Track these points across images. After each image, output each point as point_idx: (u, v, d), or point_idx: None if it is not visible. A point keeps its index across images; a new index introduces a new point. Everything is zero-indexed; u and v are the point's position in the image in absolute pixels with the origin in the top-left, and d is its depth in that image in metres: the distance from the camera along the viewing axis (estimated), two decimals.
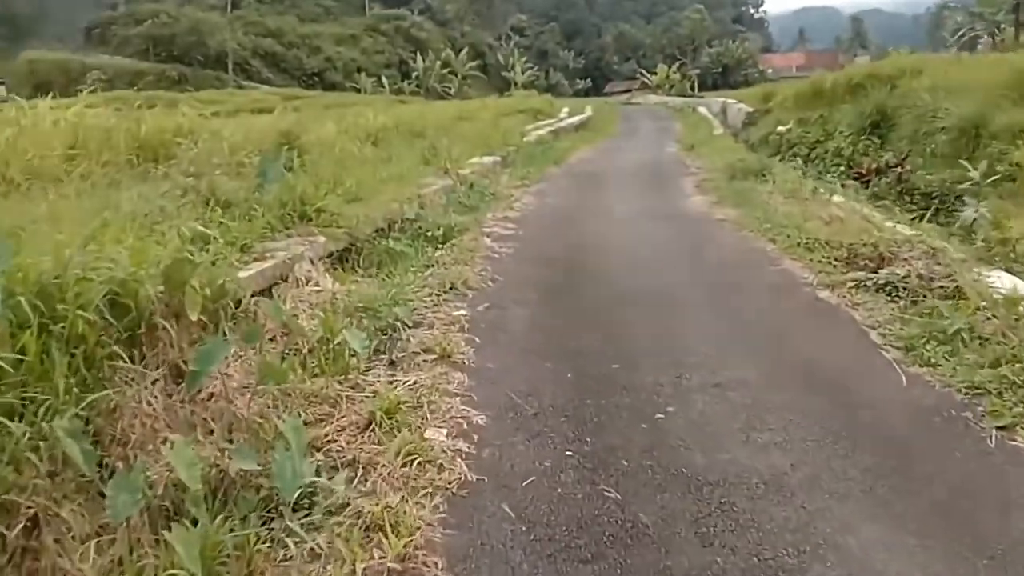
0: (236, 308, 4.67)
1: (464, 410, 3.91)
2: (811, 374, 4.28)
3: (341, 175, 8.82)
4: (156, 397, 3.45)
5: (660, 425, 3.68)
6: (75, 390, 2.93)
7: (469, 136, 17.38)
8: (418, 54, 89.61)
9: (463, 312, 5.51)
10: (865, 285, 5.48)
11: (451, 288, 6.06)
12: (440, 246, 7.61)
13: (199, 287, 3.96)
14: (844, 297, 5.44)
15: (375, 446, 3.52)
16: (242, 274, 5.14)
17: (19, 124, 6.61)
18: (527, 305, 5.71)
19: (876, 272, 5.57)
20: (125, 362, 3.38)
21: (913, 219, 8.00)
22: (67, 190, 5.93)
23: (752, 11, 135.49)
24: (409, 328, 5.12)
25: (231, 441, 3.39)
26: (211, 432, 3.49)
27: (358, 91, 77.24)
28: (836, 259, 6.20)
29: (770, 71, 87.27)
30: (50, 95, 10.89)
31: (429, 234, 7.83)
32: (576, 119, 30.38)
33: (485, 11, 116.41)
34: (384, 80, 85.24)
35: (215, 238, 5.38)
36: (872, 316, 5.02)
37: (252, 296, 5.08)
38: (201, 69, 68.07)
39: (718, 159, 15.11)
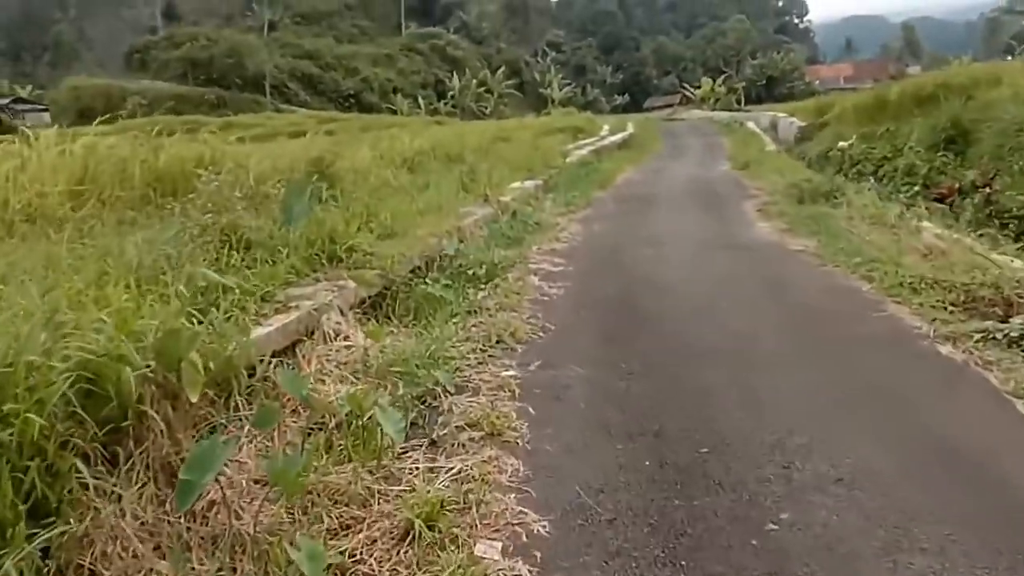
0: (250, 376, 4.08)
1: (521, 513, 3.20)
2: (954, 461, 3.49)
3: (375, 207, 8.24)
4: (143, 510, 2.82)
5: (774, 540, 2.93)
6: (24, 522, 2.29)
7: (509, 158, 16.80)
8: (454, 73, 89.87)
9: (512, 373, 4.81)
10: (994, 338, 4.66)
11: (498, 341, 5.37)
12: (483, 286, 6.95)
13: (201, 360, 3.33)
14: (971, 353, 4.63)
15: (413, 569, 2.83)
16: (260, 331, 4.53)
17: (21, 157, 6.09)
18: (586, 363, 4.99)
19: (1005, 321, 4.75)
20: (102, 467, 2.76)
21: (1020, 248, 7.12)
22: (69, 232, 5.41)
23: (796, 21, 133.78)
24: (451, 394, 4.45)
25: (235, 570, 2.73)
26: (213, 552, 2.84)
27: (394, 112, 77.60)
28: (951, 303, 5.38)
29: (817, 83, 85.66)
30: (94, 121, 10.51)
31: (471, 272, 7.18)
32: (618, 137, 29.67)
33: (521, 28, 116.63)
34: (420, 100, 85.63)
35: (231, 287, 4.80)
36: (1011, 379, 4.21)
37: (272, 358, 4.49)
38: (239, 92, 68.87)
39: (778, 179, 14.28)
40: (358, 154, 12.49)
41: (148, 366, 3.08)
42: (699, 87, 72.45)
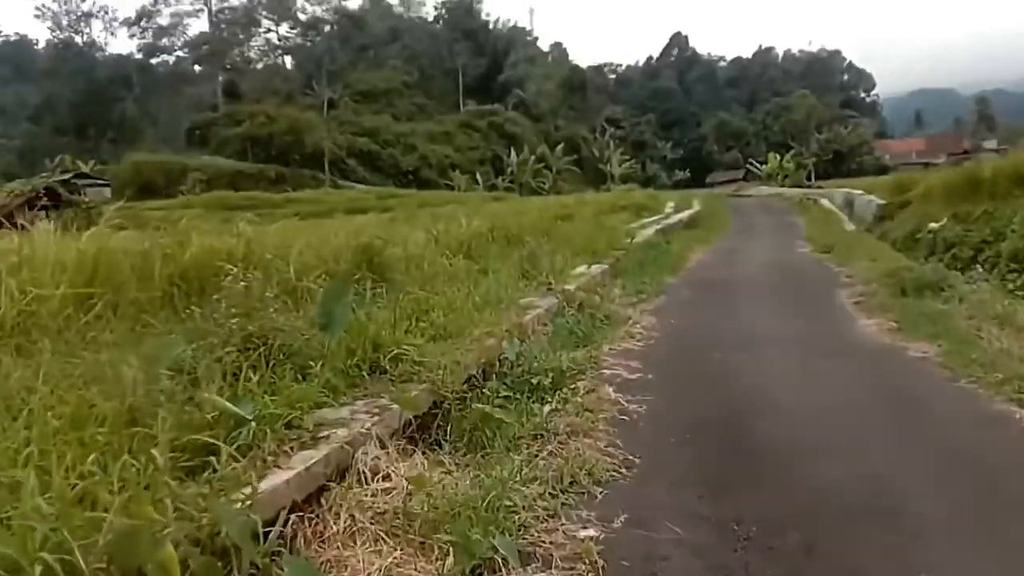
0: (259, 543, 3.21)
1: None
2: None
3: (427, 301, 7.47)
4: None
5: None
6: None
7: (571, 239, 16.07)
8: (511, 149, 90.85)
9: (592, 533, 3.85)
10: None
11: (572, 483, 4.42)
12: (550, 399, 6.04)
13: (184, 544, 2.48)
14: None
15: None
16: (277, 478, 3.69)
17: (19, 255, 5.46)
18: (685, 520, 3.98)
19: None
20: None
21: None
22: (68, 344, 4.72)
23: (863, 95, 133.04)
24: (515, 570, 3.50)
25: None
26: None
27: (452, 188, 78.46)
28: None
29: (887, 157, 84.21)
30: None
31: (535, 382, 6.27)
32: (685, 215, 28.87)
33: (579, 104, 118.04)
34: (478, 176, 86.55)
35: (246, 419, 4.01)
36: None
37: (291, 512, 3.64)
38: (298, 168, 70.52)
39: (869, 264, 13.18)
40: (411, 237, 11.83)
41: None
42: (764, 162, 71.64)
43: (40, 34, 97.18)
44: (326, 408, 4.79)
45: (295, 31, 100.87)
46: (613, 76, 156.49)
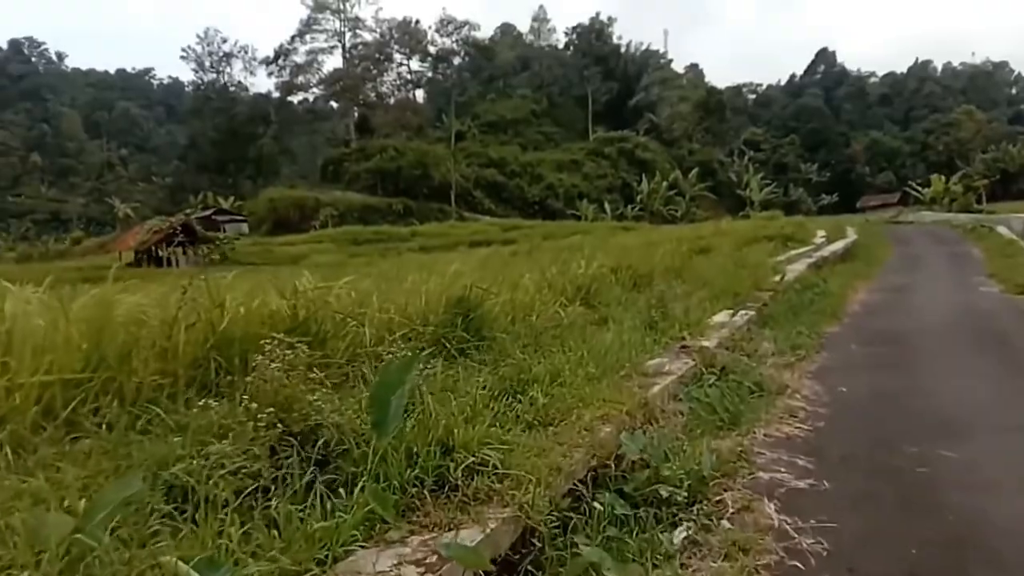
0: None
1: None
2: None
3: (528, 371, 6.09)
4: None
5: None
6: None
7: (708, 277, 14.36)
8: (642, 176, 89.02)
9: None
10: None
11: None
12: (684, 518, 4.49)
13: None
14: None
15: None
16: None
17: (12, 318, 4.42)
18: None
19: None
20: None
21: None
22: (38, 456, 3.62)
23: None
24: None
25: None
26: None
27: (579, 218, 77.29)
28: None
29: None
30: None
31: (664, 493, 4.73)
32: (839, 245, 26.28)
33: (716, 126, 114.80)
34: (606, 205, 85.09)
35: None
36: None
37: None
38: (425, 201, 71.33)
39: None
40: (523, 281, 10.51)
41: None
42: (926, 185, 66.46)
43: (188, 76, 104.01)
44: (364, 550, 3.47)
45: (426, 64, 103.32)
46: (752, 96, 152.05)
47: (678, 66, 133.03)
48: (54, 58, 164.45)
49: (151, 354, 4.64)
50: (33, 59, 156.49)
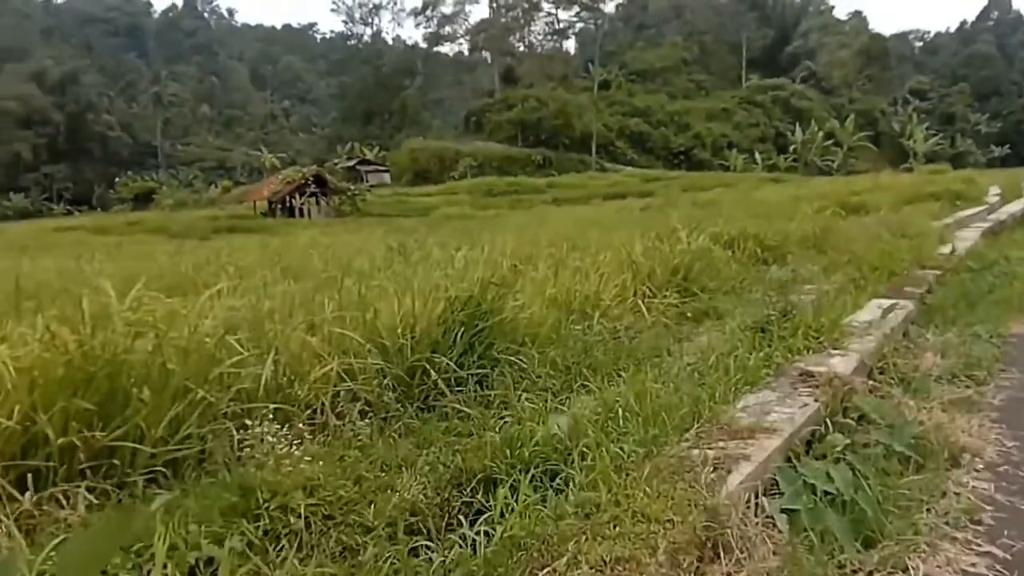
0: None
1: None
2: None
3: (519, 437, 3.63)
4: None
5: None
6: None
7: (857, 247, 11.21)
8: (797, 125, 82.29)
9: None
10: None
11: None
12: None
13: None
14: None
15: None
16: None
17: None
18: None
19: None
20: None
21: None
22: None
23: None
24: None
25: None
26: None
27: (727, 169, 72.13)
28: None
29: None
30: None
31: None
32: (1018, 207, 21.56)
33: (878, 74, 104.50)
34: (757, 156, 79.22)
35: None
36: None
37: None
38: (566, 152, 68.42)
39: None
40: (605, 261, 7.92)
41: None
42: None
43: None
44: None
45: (576, 14, 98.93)
46: (919, 44, 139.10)
47: (840, 13, 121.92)
48: (225, 14, 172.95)
49: None
50: (206, 15, 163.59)
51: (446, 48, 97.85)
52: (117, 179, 78.95)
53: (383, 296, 5.01)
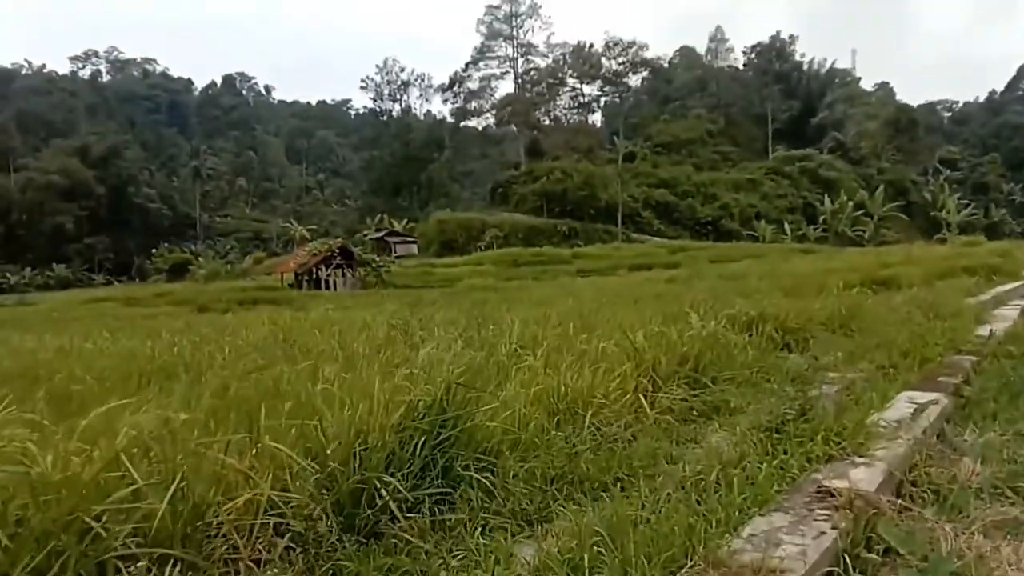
0: None
1: None
2: None
3: None
4: None
5: None
6: None
7: (886, 330, 10.47)
8: (826, 195, 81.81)
9: None
10: None
11: None
12: None
13: None
14: None
15: None
16: None
17: None
18: None
19: None
20: None
21: None
22: None
23: None
24: None
25: None
26: None
27: (756, 239, 71.48)
28: None
29: None
30: None
31: None
32: None
33: (907, 145, 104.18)
34: (786, 226, 78.58)
35: None
36: None
37: None
38: (591, 222, 68.42)
39: None
40: (606, 348, 7.33)
41: None
42: None
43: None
44: None
45: (599, 88, 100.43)
46: (948, 114, 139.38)
47: (866, 84, 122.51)
48: (262, 91, 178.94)
49: None
50: (244, 92, 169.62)
51: (473, 122, 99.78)
52: (154, 250, 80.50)
53: (343, 396, 4.43)
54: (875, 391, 7.38)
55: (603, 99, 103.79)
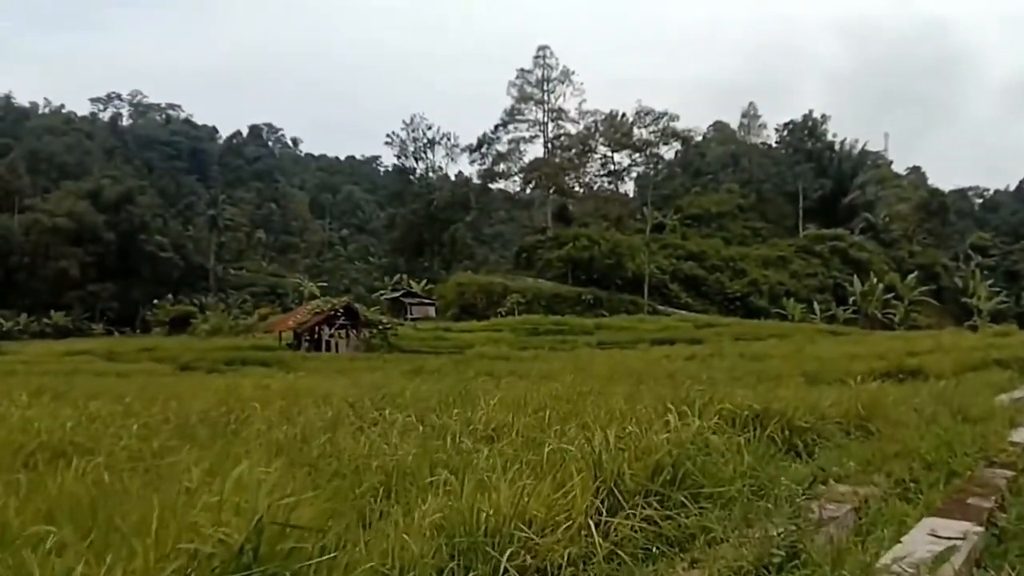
0: None
1: None
2: None
3: None
4: None
5: None
6: None
7: (907, 434, 9.16)
8: (855, 277, 79.80)
9: None
10: None
11: None
12: None
13: None
14: None
15: None
16: None
17: None
18: None
19: None
20: None
21: None
22: None
23: None
24: None
25: None
26: None
27: (785, 318, 69.58)
28: None
29: None
30: None
31: None
32: None
33: (938, 229, 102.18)
34: (815, 305, 76.67)
35: None
36: None
37: None
38: (617, 292, 67.08)
39: None
40: (567, 464, 6.15)
41: None
42: None
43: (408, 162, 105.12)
44: None
45: (629, 156, 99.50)
46: (979, 201, 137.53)
47: (898, 167, 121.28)
48: (289, 143, 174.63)
49: None
50: (270, 143, 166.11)
51: (500, 184, 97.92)
52: (156, 301, 76.52)
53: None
54: (890, 517, 6.08)
55: (635, 169, 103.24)
